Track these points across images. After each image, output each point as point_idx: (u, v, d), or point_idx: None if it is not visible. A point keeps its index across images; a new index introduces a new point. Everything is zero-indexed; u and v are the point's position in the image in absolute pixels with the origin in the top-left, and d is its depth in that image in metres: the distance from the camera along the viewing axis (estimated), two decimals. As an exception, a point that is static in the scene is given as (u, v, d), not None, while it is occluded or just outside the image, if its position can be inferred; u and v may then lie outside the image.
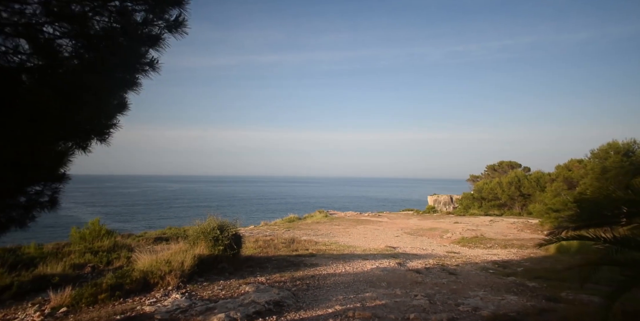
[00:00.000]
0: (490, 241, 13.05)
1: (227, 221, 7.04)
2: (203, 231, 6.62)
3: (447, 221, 23.24)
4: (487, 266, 8.22)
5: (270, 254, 8.95)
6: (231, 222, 7.11)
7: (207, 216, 6.95)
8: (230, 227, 6.88)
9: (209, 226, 6.67)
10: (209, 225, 6.69)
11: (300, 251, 9.63)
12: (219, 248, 6.43)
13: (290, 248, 10.22)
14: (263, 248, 9.79)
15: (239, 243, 7.10)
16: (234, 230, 6.85)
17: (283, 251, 9.64)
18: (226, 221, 7.02)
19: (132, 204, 73.18)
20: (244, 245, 10.09)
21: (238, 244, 6.94)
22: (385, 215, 27.34)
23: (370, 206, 61.38)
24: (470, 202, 29.78)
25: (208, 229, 6.60)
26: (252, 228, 22.35)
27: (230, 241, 6.60)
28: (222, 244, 6.48)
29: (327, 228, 19.97)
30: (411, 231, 18.34)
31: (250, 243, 10.80)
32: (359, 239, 15.04)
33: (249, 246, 10.28)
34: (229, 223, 7.01)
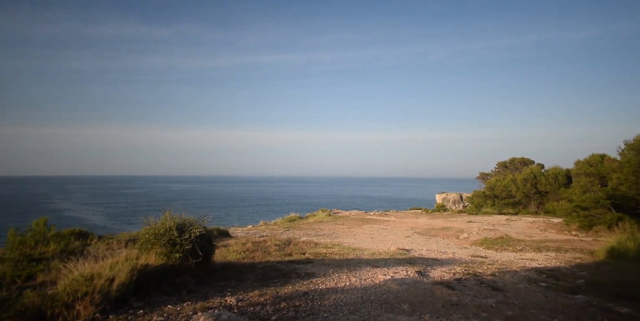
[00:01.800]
0: (519, 243, 11.08)
1: (191, 219, 5.17)
2: (155, 233, 4.76)
3: (460, 220, 21.26)
4: (533, 277, 6.30)
5: (257, 260, 7.08)
6: (198, 220, 5.23)
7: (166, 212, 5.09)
8: (194, 227, 4.98)
9: (162, 226, 4.81)
10: (162, 225, 4.84)
11: (295, 255, 7.75)
12: (175, 256, 4.58)
13: (284, 251, 8.33)
14: (250, 252, 7.92)
15: (210, 248, 5.25)
16: (199, 230, 4.95)
17: (274, 255, 7.77)
18: (190, 219, 5.16)
19: (134, 205, 71.86)
20: (227, 249, 8.24)
21: (207, 249, 5.08)
22: (393, 214, 25.39)
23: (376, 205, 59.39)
24: (482, 200, 27.73)
25: (160, 231, 4.74)
26: (250, 228, 20.55)
27: (193, 245, 4.74)
28: (181, 251, 4.63)
29: (330, 227, 18.10)
30: (422, 231, 16.41)
31: (237, 245, 8.94)
32: (365, 240, 13.15)
33: (235, 249, 8.43)
34: (194, 221, 5.13)
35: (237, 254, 7.49)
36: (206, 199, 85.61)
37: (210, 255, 5.29)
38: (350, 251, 9.21)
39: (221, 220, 45.99)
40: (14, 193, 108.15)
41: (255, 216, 48.26)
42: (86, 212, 60.20)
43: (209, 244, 5.27)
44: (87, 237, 12.00)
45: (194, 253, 4.75)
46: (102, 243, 9.94)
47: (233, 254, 7.57)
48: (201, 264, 4.94)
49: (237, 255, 7.43)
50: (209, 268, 5.27)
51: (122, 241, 9.66)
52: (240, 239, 11.00)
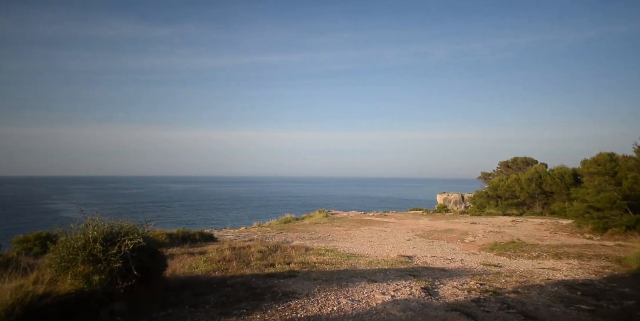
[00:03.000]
0: (533, 248, 9.80)
1: (129, 225, 3.87)
2: (71, 246, 3.44)
3: (463, 221, 20.00)
4: (566, 294, 5.07)
5: (231, 272, 5.83)
6: (139, 226, 3.94)
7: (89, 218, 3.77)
8: (130, 236, 3.66)
9: (82, 237, 3.50)
10: (82, 236, 3.53)
11: (278, 265, 6.48)
12: (95, 279, 3.27)
13: (267, 260, 7.07)
14: (226, 262, 6.66)
15: (155, 264, 3.95)
16: (135, 242, 3.62)
17: (254, 265, 6.51)
18: (128, 225, 3.86)
19: (133, 205, 70.63)
20: (200, 258, 6.97)
21: (150, 265, 3.78)
22: (392, 215, 24.13)
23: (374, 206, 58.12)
24: (484, 201, 26.46)
25: (78, 244, 3.43)
26: (242, 229, 19.29)
27: (126, 262, 3.47)
28: (106, 270, 3.35)
29: (326, 229, 16.85)
30: (424, 234, 15.15)
31: (214, 253, 7.68)
32: (363, 245, 11.89)
33: (210, 257, 7.17)
34: (132, 229, 3.81)
35: (208, 265, 6.23)
36: (205, 200, 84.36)
37: (154, 274, 4.01)
38: (345, 258, 7.95)
39: (216, 221, 44.74)
40: (13, 194, 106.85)
41: (252, 217, 47.01)
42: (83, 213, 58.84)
43: (154, 259, 3.99)
44: (54, 241, 10.74)
45: (125, 272, 3.47)
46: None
47: (203, 265, 6.31)
48: (142, 286, 3.69)
49: (207, 266, 6.17)
50: (155, 290, 4.02)
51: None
52: (223, 244, 9.74)
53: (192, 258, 7.16)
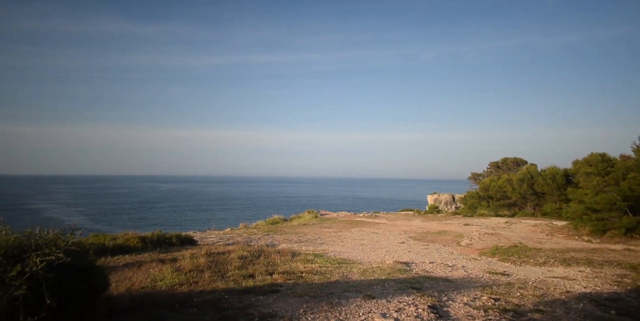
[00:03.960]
0: (538, 253, 9.03)
1: (49, 235, 2.82)
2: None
3: (456, 222, 19.30)
4: (598, 314, 4.25)
5: (201, 286, 4.82)
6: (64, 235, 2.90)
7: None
8: (46, 249, 2.59)
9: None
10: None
11: (259, 276, 5.50)
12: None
13: (247, 269, 6.07)
14: (198, 272, 5.64)
15: (93, 282, 2.95)
16: (51, 258, 2.55)
17: (230, 276, 5.51)
18: (47, 235, 2.81)
19: (117, 206, 68.41)
20: (167, 267, 5.92)
21: (76, 289, 2.73)
22: (383, 216, 23.31)
23: (364, 206, 57.40)
24: (475, 201, 25.90)
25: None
26: (227, 231, 18.17)
27: (37, 285, 2.43)
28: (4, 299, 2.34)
29: (316, 231, 15.90)
30: (418, 236, 14.34)
31: (187, 260, 6.63)
32: (355, 248, 10.98)
33: (181, 265, 6.14)
34: (51, 240, 2.74)
35: (174, 277, 5.21)
36: (192, 200, 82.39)
37: (87, 297, 2.99)
38: (336, 266, 7.00)
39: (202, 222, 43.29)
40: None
41: (240, 217, 45.69)
42: (65, 213, 56.70)
43: (87, 277, 2.96)
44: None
45: (38, 300, 2.44)
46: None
47: (170, 276, 5.28)
48: (70, 316, 2.68)
49: (174, 279, 5.15)
50: (92, 318, 3.00)
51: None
52: (201, 249, 8.69)
53: (160, 267, 6.12)
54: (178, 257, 7.30)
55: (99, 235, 9.96)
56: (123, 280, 5.12)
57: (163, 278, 5.24)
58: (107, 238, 9.18)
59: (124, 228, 41.09)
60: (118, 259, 7.62)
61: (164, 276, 5.31)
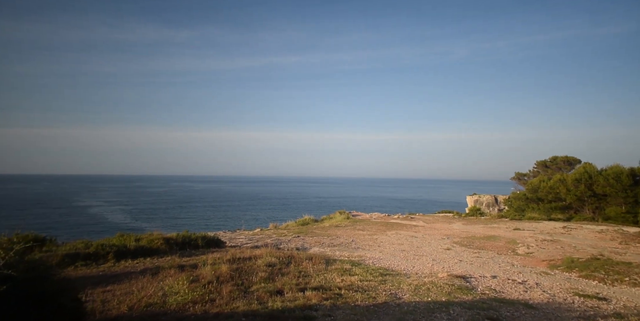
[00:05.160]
0: (630, 269, 7.30)
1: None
2: None
3: (503, 226, 17.39)
4: None
5: (217, 306, 3.85)
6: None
7: None
8: None
9: None
10: None
11: (289, 294, 4.46)
12: None
13: (274, 282, 5.08)
14: (217, 285, 4.72)
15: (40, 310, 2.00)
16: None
17: (255, 291, 4.54)
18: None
19: (156, 204, 70.94)
20: (186, 276, 5.04)
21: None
22: (420, 218, 21.70)
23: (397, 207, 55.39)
24: (523, 203, 23.59)
25: None
26: (257, 231, 17.46)
27: None
28: None
29: (349, 233, 14.74)
30: (464, 241, 12.79)
31: (206, 268, 5.74)
32: (395, 255, 9.73)
33: (199, 275, 5.26)
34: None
35: (188, 293, 4.30)
36: (224, 200, 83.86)
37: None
38: (379, 279, 5.84)
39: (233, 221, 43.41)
40: (47, 191, 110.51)
41: (270, 217, 45.45)
42: (109, 210, 59.45)
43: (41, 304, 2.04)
44: (44, 243, 9.18)
45: None
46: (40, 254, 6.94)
47: (183, 290, 4.37)
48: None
49: (187, 295, 4.24)
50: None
51: (58, 255, 6.64)
52: (226, 253, 7.84)
53: (177, 276, 5.27)
54: (199, 263, 6.46)
55: (124, 235, 9.41)
56: (129, 294, 4.31)
57: (177, 292, 4.36)
58: (130, 239, 8.57)
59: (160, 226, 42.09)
60: (138, 263, 6.92)
61: (178, 290, 4.44)
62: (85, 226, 42.44)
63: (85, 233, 35.00)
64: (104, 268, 6.16)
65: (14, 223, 42.52)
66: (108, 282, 5.02)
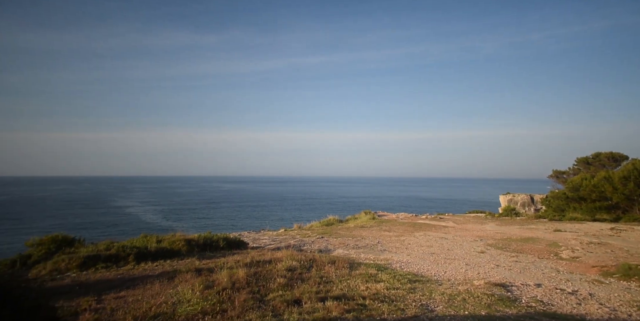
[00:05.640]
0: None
1: None
2: None
3: (542, 227, 16.18)
4: None
5: (228, 319, 3.53)
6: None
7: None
8: None
9: None
10: None
11: (308, 304, 4.07)
12: None
13: (293, 289, 4.70)
14: (232, 292, 4.40)
15: None
16: None
17: (271, 300, 4.19)
18: None
19: (186, 204, 73.11)
20: (202, 281, 4.76)
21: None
22: (449, 218, 20.71)
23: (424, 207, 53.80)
24: (563, 203, 21.96)
25: None
26: (281, 232, 17.27)
27: None
28: None
29: (374, 234, 14.18)
30: (499, 243, 11.90)
31: (222, 273, 5.45)
32: (424, 258, 9.11)
33: (215, 281, 4.98)
34: None
35: (199, 302, 4.00)
36: (251, 200, 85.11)
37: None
38: (408, 287, 5.32)
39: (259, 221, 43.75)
40: (88, 192, 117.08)
41: (296, 217, 45.46)
42: (143, 210, 61.95)
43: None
44: (72, 244, 9.34)
45: None
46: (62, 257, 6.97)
47: (196, 298, 4.08)
48: None
49: (197, 304, 3.94)
50: None
51: (78, 259, 6.62)
52: (247, 255, 7.58)
53: (192, 281, 5.01)
54: (218, 266, 6.20)
55: (147, 236, 9.40)
56: (140, 301, 4.08)
57: (188, 300, 4.08)
58: (152, 240, 8.52)
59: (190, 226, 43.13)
60: (157, 266, 6.77)
61: (190, 298, 4.16)
62: (119, 226, 44.31)
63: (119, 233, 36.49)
64: (123, 271, 6.05)
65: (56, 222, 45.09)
66: (123, 287, 4.86)
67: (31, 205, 67.91)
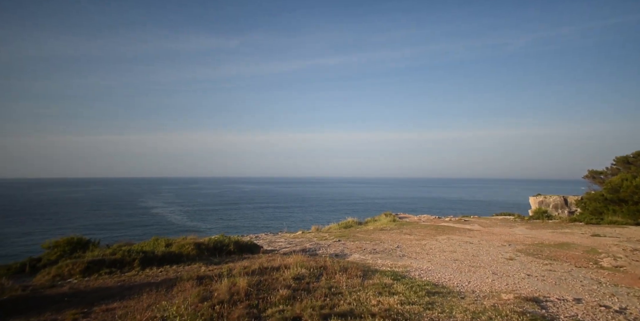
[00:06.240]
0: None
1: None
2: None
3: (578, 232, 14.97)
4: None
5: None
6: None
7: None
8: None
9: None
10: None
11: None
12: None
13: (295, 303, 4.26)
14: (227, 306, 4.03)
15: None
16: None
17: (269, 316, 3.77)
18: None
19: (209, 205, 74.47)
20: (199, 292, 4.42)
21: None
22: (475, 220, 19.68)
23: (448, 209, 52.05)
24: (600, 205, 20.38)
25: None
26: (298, 234, 16.93)
27: None
28: None
29: (394, 238, 13.55)
30: (530, 249, 10.99)
31: (223, 283, 5.10)
32: (446, 265, 8.45)
33: (213, 292, 4.63)
34: None
35: (190, 318, 3.63)
36: (272, 201, 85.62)
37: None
38: (425, 301, 4.77)
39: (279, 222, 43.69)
40: (118, 193, 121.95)
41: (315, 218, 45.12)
42: (169, 210, 63.66)
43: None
44: (86, 246, 9.35)
45: None
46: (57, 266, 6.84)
47: (186, 316, 3.72)
48: None
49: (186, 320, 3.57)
50: None
51: (81, 264, 6.46)
52: (255, 261, 7.24)
53: (191, 291, 4.69)
54: (223, 273, 5.86)
55: (159, 239, 9.27)
56: (127, 316, 3.78)
57: (181, 314, 3.74)
58: (161, 244, 8.34)
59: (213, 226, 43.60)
60: (161, 271, 6.54)
61: (182, 312, 3.81)
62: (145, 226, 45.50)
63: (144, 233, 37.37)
64: (126, 277, 5.84)
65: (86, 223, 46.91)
66: (118, 296, 4.60)
67: (65, 205, 71.32)
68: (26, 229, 38.56)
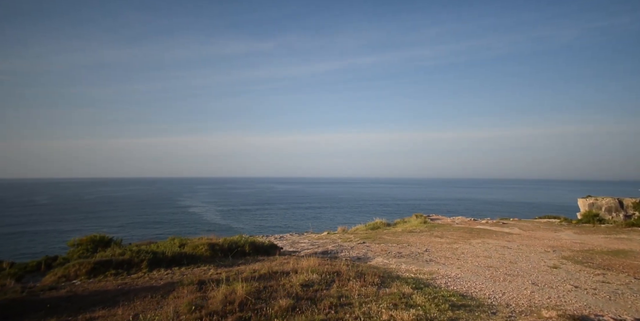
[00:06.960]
0: None
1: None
2: None
3: (637, 238, 13.24)
4: None
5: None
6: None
7: None
8: None
9: None
10: None
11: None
12: None
13: (296, 314, 3.78)
14: (217, 318, 3.61)
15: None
16: None
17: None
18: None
19: (243, 204, 76.10)
20: (196, 298, 4.05)
21: None
22: (514, 223, 18.15)
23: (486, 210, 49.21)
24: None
25: None
26: (324, 235, 16.45)
27: None
28: None
29: (423, 241, 12.67)
30: (577, 256, 9.73)
31: (221, 290, 4.70)
32: (478, 273, 7.57)
33: (209, 300, 4.24)
34: None
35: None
36: (304, 201, 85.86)
37: None
38: (447, 316, 4.08)
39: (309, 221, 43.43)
40: (158, 192, 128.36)
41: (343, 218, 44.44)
42: (205, 209, 65.82)
43: None
44: (108, 245, 9.47)
45: None
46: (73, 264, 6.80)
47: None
48: None
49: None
50: None
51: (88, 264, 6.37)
52: (266, 264, 6.84)
53: (188, 298, 4.34)
54: (227, 278, 5.50)
55: (175, 238, 9.17)
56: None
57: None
58: (175, 245, 8.18)
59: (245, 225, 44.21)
60: (168, 274, 6.31)
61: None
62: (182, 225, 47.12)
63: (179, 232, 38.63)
64: (129, 279, 5.65)
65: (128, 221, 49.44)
66: (110, 302, 4.36)
67: (109, 203, 76.00)
68: (74, 227, 41.26)
